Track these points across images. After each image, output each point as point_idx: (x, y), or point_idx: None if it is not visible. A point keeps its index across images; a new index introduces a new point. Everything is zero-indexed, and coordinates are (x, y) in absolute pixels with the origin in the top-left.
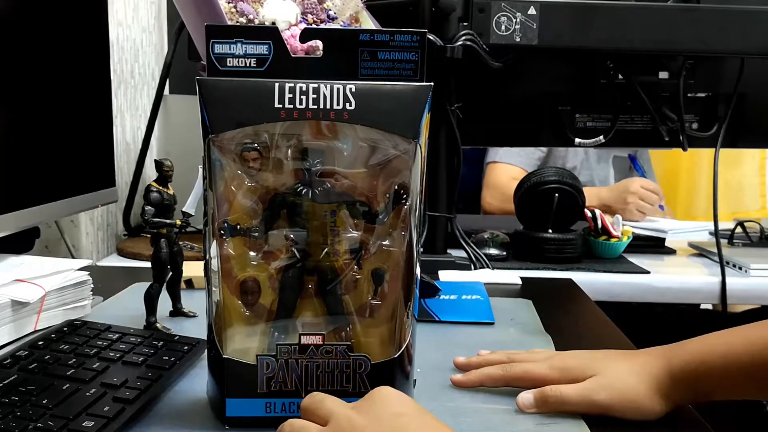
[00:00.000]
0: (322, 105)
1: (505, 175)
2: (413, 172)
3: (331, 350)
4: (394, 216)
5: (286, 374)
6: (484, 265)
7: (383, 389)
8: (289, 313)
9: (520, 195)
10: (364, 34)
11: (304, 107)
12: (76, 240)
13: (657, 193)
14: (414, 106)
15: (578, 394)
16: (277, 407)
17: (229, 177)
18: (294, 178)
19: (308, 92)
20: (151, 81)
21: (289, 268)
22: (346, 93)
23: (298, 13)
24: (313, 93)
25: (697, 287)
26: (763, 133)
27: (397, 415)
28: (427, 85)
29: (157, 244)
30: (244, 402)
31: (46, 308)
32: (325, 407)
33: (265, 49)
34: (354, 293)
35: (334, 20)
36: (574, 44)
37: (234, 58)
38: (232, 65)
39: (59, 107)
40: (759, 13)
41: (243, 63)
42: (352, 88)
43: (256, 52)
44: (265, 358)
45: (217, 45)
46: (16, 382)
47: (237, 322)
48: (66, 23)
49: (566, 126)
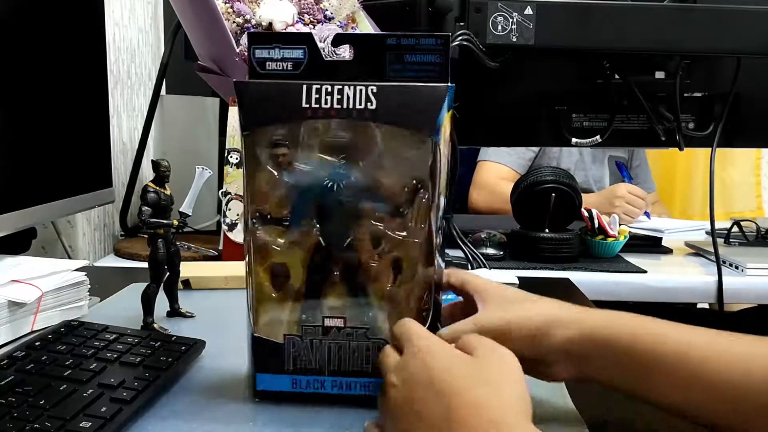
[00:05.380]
0: (345, 105)
1: (493, 174)
2: (432, 168)
3: (351, 333)
4: (415, 209)
5: (310, 353)
6: (481, 264)
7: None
8: (316, 295)
9: (517, 195)
10: (391, 38)
11: (329, 106)
12: (73, 240)
13: (643, 198)
14: (432, 105)
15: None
16: (302, 383)
17: (262, 171)
18: (322, 172)
19: (333, 93)
20: (148, 81)
21: (316, 255)
22: (368, 93)
23: (295, 13)
24: (337, 93)
25: (693, 286)
26: (758, 133)
27: (434, 394)
28: (445, 85)
29: (154, 245)
30: (272, 377)
31: (43, 309)
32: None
33: (301, 54)
34: (375, 280)
35: (330, 20)
36: (571, 44)
37: (273, 62)
38: (270, 68)
39: (56, 107)
40: (755, 13)
41: (281, 66)
42: (373, 89)
43: (293, 56)
44: (291, 338)
45: (258, 50)
46: (12, 383)
47: (268, 303)
48: (63, 23)
49: (563, 126)
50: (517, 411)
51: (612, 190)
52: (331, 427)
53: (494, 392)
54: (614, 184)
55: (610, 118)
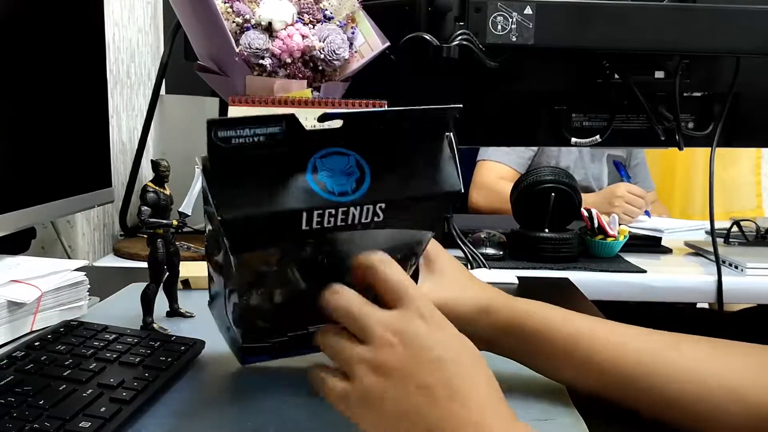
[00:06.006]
0: (350, 222)
1: (492, 173)
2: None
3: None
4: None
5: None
6: (480, 264)
7: (415, 322)
8: (303, 329)
9: (516, 194)
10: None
11: (333, 226)
12: (73, 240)
13: (643, 198)
14: (439, 210)
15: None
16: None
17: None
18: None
19: (337, 215)
20: (148, 81)
21: (296, 300)
22: (376, 210)
23: (294, 13)
24: (342, 215)
25: (693, 286)
26: (758, 133)
27: (437, 361)
28: (454, 191)
29: (153, 245)
30: (256, 358)
31: (42, 309)
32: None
33: (277, 129)
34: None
35: (330, 20)
36: (571, 44)
37: (239, 138)
38: (237, 143)
39: (55, 107)
40: (755, 12)
41: (250, 141)
42: (382, 205)
43: (267, 131)
44: (278, 341)
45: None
46: (12, 383)
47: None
48: (62, 23)
49: (563, 125)
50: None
51: (611, 189)
52: (330, 426)
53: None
54: (613, 184)
55: (610, 117)
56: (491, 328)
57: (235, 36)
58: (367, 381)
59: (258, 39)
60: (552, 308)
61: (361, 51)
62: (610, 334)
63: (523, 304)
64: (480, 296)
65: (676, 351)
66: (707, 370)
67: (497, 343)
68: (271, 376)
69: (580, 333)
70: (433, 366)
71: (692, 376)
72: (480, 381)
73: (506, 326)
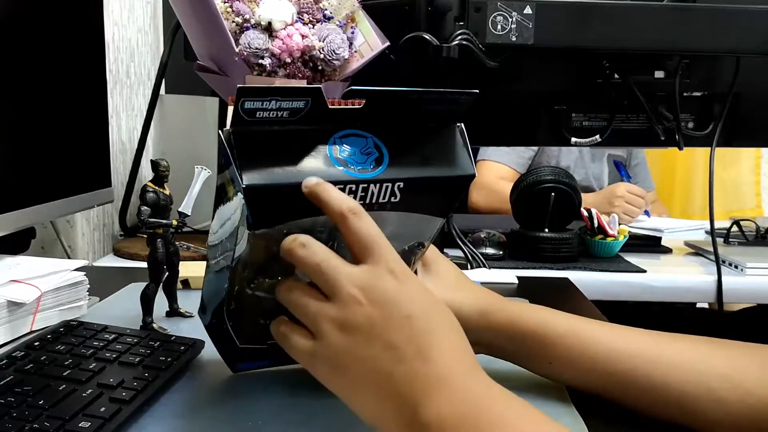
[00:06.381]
0: (368, 200)
1: (492, 173)
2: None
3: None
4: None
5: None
6: (480, 264)
7: (384, 278)
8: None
9: (516, 194)
10: (413, 94)
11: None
12: (72, 240)
13: (643, 197)
14: (452, 195)
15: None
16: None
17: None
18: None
19: (357, 192)
20: (147, 81)
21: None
22: (394, 189)
23: (294, 13)
24: (362, 191)
25: (693, 286)
26: (758, 133)
27: (406, 318)
28: (468, 174)
29: (153, 245)
30: (251, 364)
31: (42, 309)
32: (325, 282)
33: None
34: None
35: (330, 20)
36: (570, 44)
37: (265, 111)
38: (261, 116)
39: (55, 107)
40: (754, 12)
41: (275, 115)
42: (400, 184)
43: (292, 106)
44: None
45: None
46: (12, 383)
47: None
48: (62, 23)
49: (563, 125)
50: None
51: (611, 189)
52: (329, 426)
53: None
54: (613, 184)
55: (610, 117)
56: (489, 331)
57: (235, 36)
58: (333, 339)
59: (258, 39)
60: (546, 309)
61: (360, 51)
62: (609, 334)
63: (516, 306)
64: (477, 299)
65: (676, 349)
66: (709, 367)
67: (495, 345)
68: (271, 377)
69: (577, 332)
70: (400, 324)
71: (693, 374)
72: (447, 336)
73: (503, 328)
